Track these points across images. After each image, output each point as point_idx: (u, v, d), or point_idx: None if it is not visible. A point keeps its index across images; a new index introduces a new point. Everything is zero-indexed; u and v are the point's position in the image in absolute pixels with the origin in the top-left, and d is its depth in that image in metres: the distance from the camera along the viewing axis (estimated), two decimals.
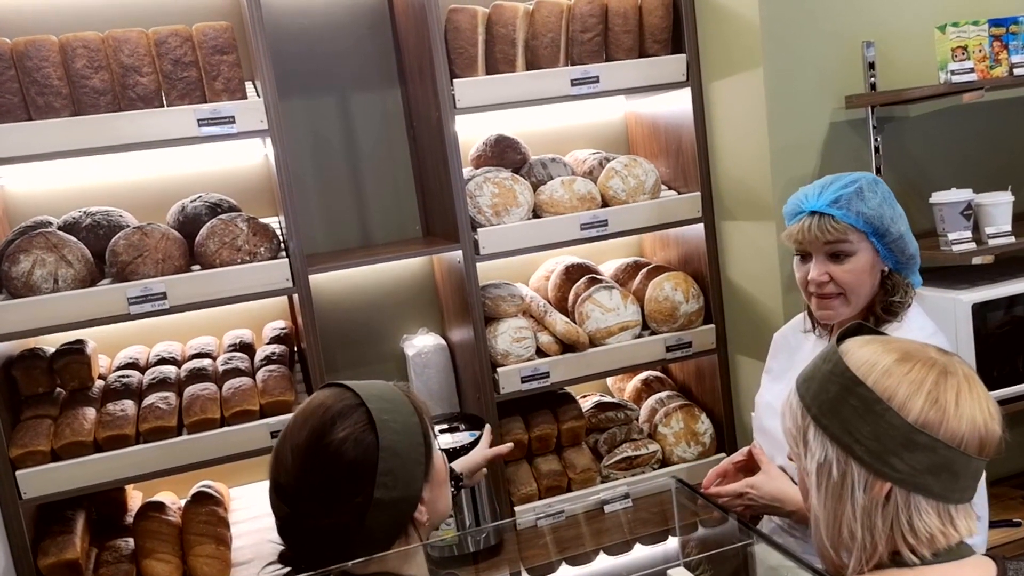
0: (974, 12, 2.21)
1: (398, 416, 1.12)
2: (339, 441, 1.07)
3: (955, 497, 0.96)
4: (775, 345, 1.81)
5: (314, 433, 1.09)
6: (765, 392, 1.78)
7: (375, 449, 1.08)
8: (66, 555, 1.99)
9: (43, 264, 1.97)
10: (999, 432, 0.97)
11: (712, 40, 2.36)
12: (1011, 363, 2.14)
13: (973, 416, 0.95)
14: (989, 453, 0.97)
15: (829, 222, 1.50)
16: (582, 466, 2.45)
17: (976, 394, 0.97)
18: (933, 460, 0.94)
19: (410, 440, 1.12)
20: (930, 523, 0.95)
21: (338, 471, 1.07)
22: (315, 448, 1.08)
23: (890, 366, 0.98)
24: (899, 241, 1.52)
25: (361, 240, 2.62)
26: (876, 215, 1.50)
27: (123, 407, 2.07)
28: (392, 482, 1.08)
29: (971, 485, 0.98)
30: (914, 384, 0.96)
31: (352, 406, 1.11)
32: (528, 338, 2.39)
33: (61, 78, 1.98)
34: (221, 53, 2.06)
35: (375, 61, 2.57)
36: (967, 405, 0.95)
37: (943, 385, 0.96)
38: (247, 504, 2.45)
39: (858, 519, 0.97)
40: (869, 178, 1.55)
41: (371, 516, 1.07)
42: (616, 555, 1.88)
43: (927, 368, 0.97)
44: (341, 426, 1.08)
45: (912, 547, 0.96)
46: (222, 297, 2.07)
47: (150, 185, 2.41)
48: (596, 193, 2.45)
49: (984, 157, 2.41)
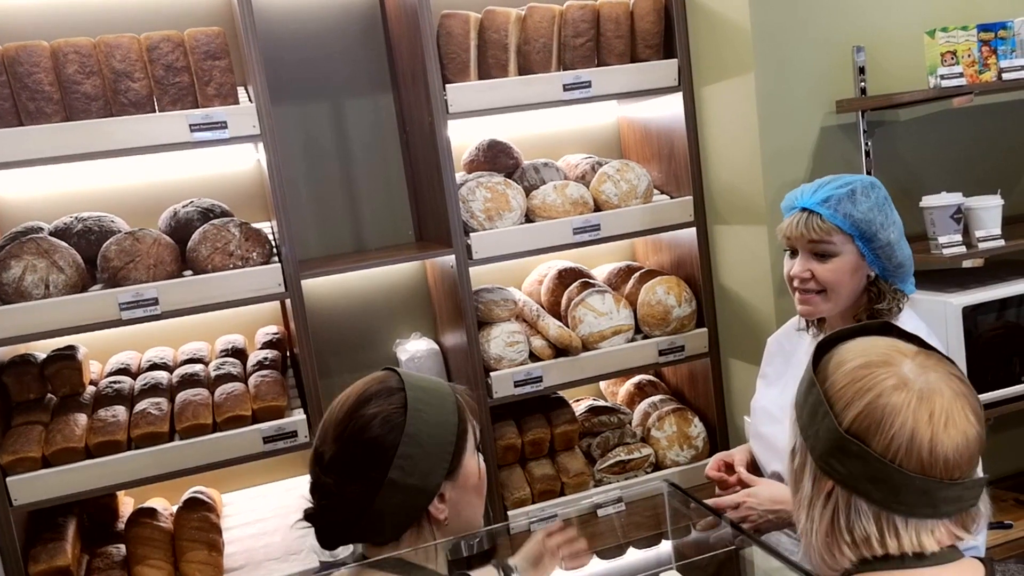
0: (963, 17, 2.23)
1: (434, 410, 1.16)
2: (369, 416, 1.13)
3: (901, 509, 0.93)
4: (769, 350, 1.81)
5: (352, 406, 1.16)
6: (760, 397, 1.77)
7: (399, 432, 1.12)
8: (57, 562, 1.98)
9: (34, 270, 1.96)
10: (947, 456, 0.92)
11: (704, 45, 2.37)
12: (1001, 366, 2.15)
13: (914, 433, 0.92)
14: (939, 475, 0.92)
15: (816, 220, 1.51)
16: (575, 470, 2.45)
17: (930, 411, 0.92)
18: (867, 470, 0.94)
19: (439, 434, 1.15)
20: (868, 529, 0.94)
21: (362, 443, 1.13)
22: (348, 419, 1.15)
23: (850, 370, 0.98)
24: (887, 248, 1.51)
25: (354, 245, 2.62)
26: (864, 220, 1.49)
27: (115, 413, 2.07)
28: (410, 468, 1.12)
29: (923, 502, 0.93)
30: (859, 393, 0.95)
31: (393, 389, 1.17)
32: (521, 342, 2.39)
33: (52, 84, 1.98)
34: (213, 58, 2.06)
35: (368, 66, 2.57)
36: (911, 421, 0.92)
37: (891, 397, 0.93)
38: (239, 510, 2.45)
39: (803, 507, 1.01)
40: (867, 182, 1.54)
41: (382, 496, 1.11)
42: (609, 559, 1.88)
43: (884, 378, 0.95)
44: (376, 403, 1.15)
45: (845, 547, 0.96)
46: (214, 302, 2.06)
47: (142, 190, 2.40)
48: (588, 197, 2.45)
49: (974, 161, 2.42)
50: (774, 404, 1.70)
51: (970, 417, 0.94)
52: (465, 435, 1.20)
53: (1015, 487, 2.48)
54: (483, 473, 1.24)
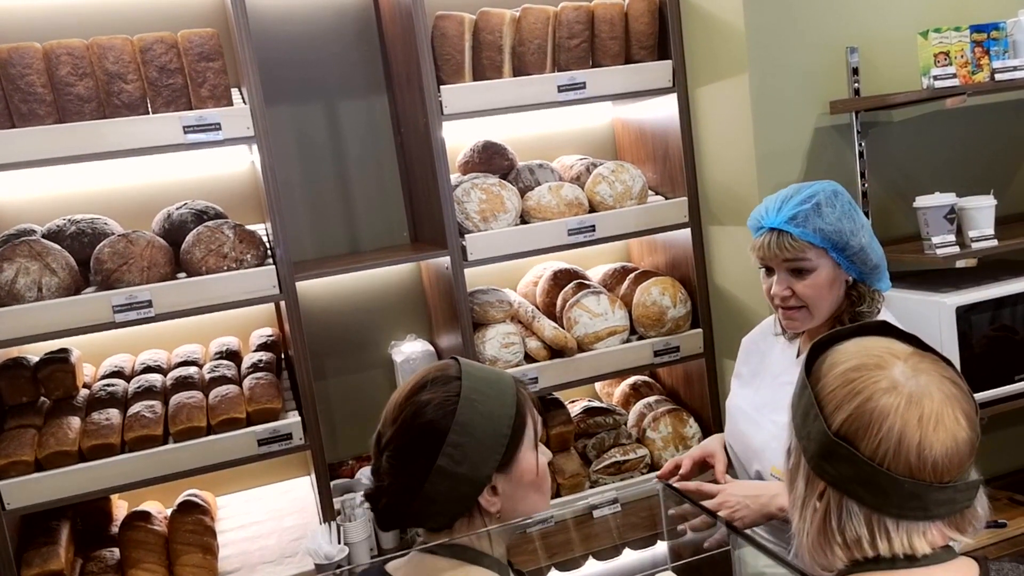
0: (956, 18, 2.23)
1: (490, 401, 1.16)
2: (423, 402, 1.14)
3: (891, 512, 0.93)
4: (744, 350, 1.81)
5: (410, 390, 1.18)
6: (735, 397, 1.77)
7: (451, 419, 1.13)
8: (50, 566, 1.97)
9: (27, 272, 1.96)
10: (936, 459, 0.91)
11: (698, 46, 2.37)
12: (995, 365, 2.16)
13: (902, 437, 0.91)
14: (928, 478, 0.92)
15: (787, 239, 1.50)
16: (571, 471, 2.45)
17: (920, 414, 0.92)
18: (857, 472, 0.94)
19: (492, 426, 1.15)
20: (859, 530, 0.94)
21: (413, 429, 1.14)
22: (405, 403, 1.16)
23: (841, 372, 0.98)
24: (860, 253, 1.50)
25: (348, 247, 2.61)
26: (834, 230, 1.48)
27: (108, 416, 2.06)
28: (460, 456, 1.12)
29: (913, 504, 0.92)
30: (849, 396, 0.95)
31: (450, 377, 1.17)
32: (516, 344, 2.39)
33: (45, 85, 1.97)
34: (207, 60, 2.06)
35: (362, 67, 2.57)
36: (899, 424, 0.92)
37: (880, 400, 0.93)
38: (234, 513, 2.44)
39: (797, 507, 1.01)
40: (828, 191, 1.52)
41: (431, 481, 1.12)
42: (605, 560, 1.89)
43: (875, 380, 0.95)
44: (431, 389, 1.16)
45: (836, 548, 0.96)
46: (208, 305, 2.06)
47: (135, 192, 2.40)
48: (583, 199, 2.45)
49: (967, 161, 2.43)
50: (749, 403, 1.70)
51: (960, 420, 0.93)
52: (523, 429, 1.19)
53: (1009, 486, 2.49)
54: (543, 469, 1.23)
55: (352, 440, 2.60)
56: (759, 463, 1.62)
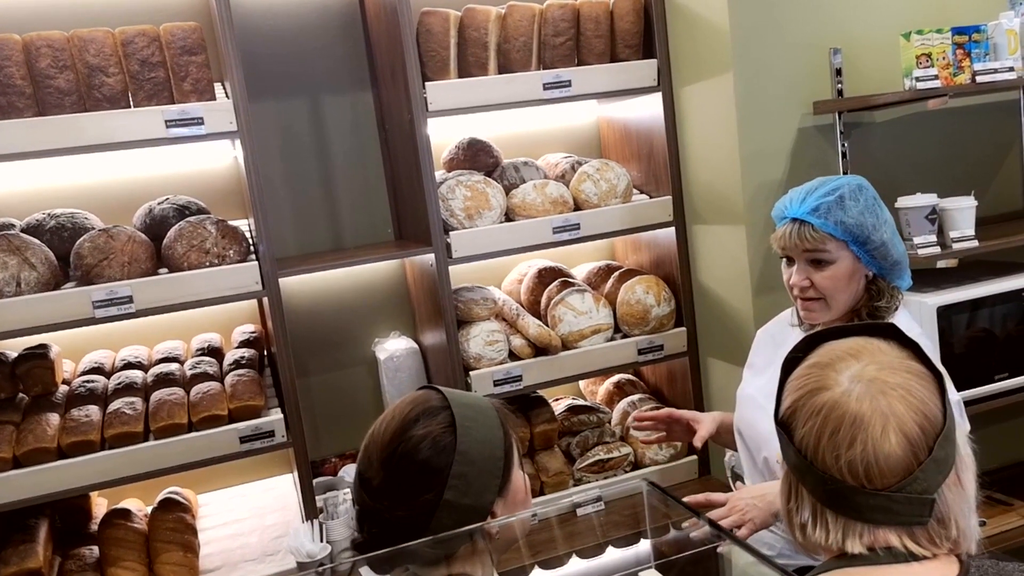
0: (938, 20, 2.25)
1: (481, 426, 1.13)
2: (418, 438, 1.09)
3: (830, 506, 0.95)
4: (758, 340, 1.82)
5: (398, 428, 1.12)
6: (747, 386, 1.79)
7: (451, 451, 1.09)
8: (28, 564, 1.94)
9: (5, 267, 1.93)
10: (850, 463, 0.91)
11: (682, 46, 2.38)
12: (975, 365, 2.18)
13: (820, 436, 0.93)
14: (850, 480, 0.91)
15: (808, 231, 1.52)
16: (555, 469, 2.45)
17: (840, 419, 0.92)
18: (796, 460, 0.97)
19: (489, 451, 1.12)
20: (804, 515, 0.97)
21: (413, 466, 1.09)
22: (396, 442, 1.10)
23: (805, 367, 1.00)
24: (882, 248, 1.52)
25: (332, 243, 2.60)
26: (856, 224, 1.50)
27: (88, 413, 2.04)
28: (464, 487, 1.09)
29: (846, 505, 0.93)
30: (796, 388, 0.98)
31: (438, 408, 1.13)
32: (501, 341, 2.38)
33: (24, 78, 1.94)
34: (189, 54, 2.04)
35: (347, 63, 2.55)
36: (818, 424, 0.93)
37: (815, 397, 0.95)
38: (215, 511, 2.42)
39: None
40: (854, 184, 1.54)
41: (438, 518, 1.08)
42: (588, 558, 1.89)
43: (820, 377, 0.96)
44: (423, 424, 1.11)
45: (797, 532, 0.99)
46: (190, 300, 2.04)
47: (116, 187, 2.37)
48: (568, 197, 2.45)
49: (948, 162, 2.46)
50: (760, 392, 1.71)
51: (891, 436, 0.91)
52: (511, 449, 1.17)
53: (987, 485, 2.51)
54: (528, 487, 1.21)
55: (335, 438, 2.58)
56: (767, 450, 1.64)
